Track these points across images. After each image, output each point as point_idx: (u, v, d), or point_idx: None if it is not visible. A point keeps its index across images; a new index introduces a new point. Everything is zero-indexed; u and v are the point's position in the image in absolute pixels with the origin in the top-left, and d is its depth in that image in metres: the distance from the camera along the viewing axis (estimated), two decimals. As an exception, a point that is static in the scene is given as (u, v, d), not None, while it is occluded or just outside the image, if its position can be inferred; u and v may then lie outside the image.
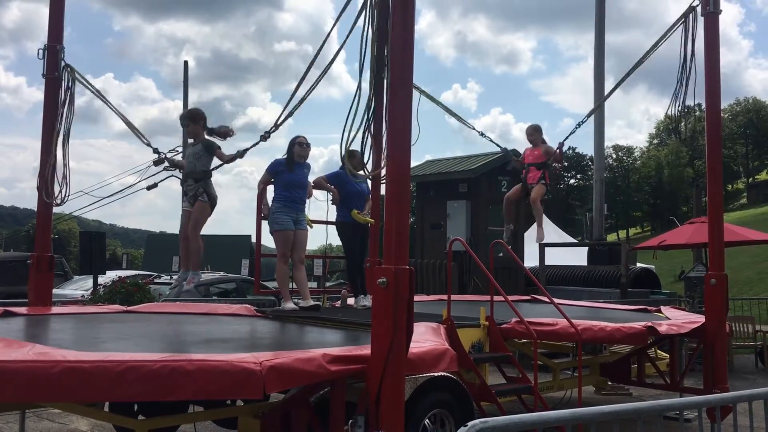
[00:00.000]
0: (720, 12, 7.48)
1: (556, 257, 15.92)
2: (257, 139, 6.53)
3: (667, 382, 8.22)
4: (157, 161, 6.72)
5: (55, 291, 10.37)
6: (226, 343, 5.32)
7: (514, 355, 6.64)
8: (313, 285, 12.94)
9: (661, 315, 8.69)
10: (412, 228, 15.50)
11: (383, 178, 5.47)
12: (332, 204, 7.94)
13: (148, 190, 7.31)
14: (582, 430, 3.28)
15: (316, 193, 7.82)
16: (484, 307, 6.67)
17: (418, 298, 8.46)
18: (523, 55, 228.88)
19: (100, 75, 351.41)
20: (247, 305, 8.06)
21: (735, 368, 11.82)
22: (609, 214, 60.16)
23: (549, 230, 16.61)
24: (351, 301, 8.17)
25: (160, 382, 3.71)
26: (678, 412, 3.93)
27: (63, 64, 7.53)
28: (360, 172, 6.78)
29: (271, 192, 7.52)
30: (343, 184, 7.86)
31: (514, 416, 3.00)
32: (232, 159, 6.68)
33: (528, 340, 6.78)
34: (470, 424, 2.79)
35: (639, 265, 17.27)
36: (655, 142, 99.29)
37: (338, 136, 4.90)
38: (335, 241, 8.46)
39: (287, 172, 7.37)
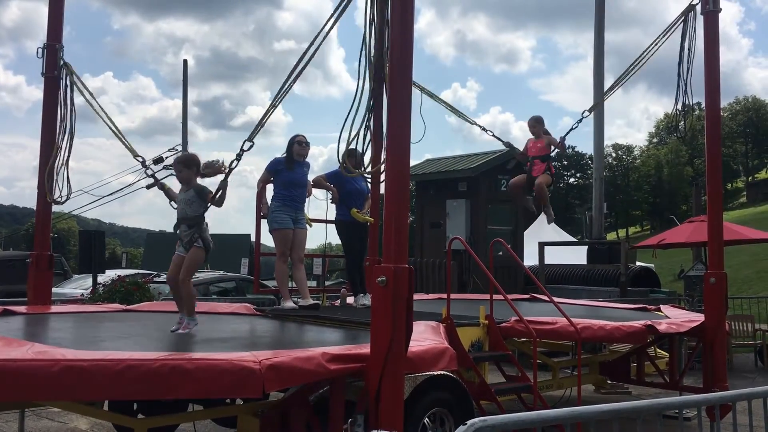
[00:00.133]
0: (719, 10, 7.49)
1: (556, 256, 15.92)
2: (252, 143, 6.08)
3: (666, 381, 8.22)
4: (150, 185, 6.46)
5: (55, 290, 10.39)
6: (225, 342, 5.33)
7: (513, 353, 6.64)
8: (313, 284, 12.93)
9: (660, 314, 8.70)
10: (412, 227, 15.49)
11: (382, 173, 5.44)
12: (332, 203, 7.93)
13: (148, 189, 7.26)
14: (581, 429, 3.29)
15: (315, 191, 7.82)
16: (484, 306, 6.67)
17: (418, 296, 8.46)
18: (522, 54, 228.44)
19: (100, 74, 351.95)
20: (247, 304, 8.07)
21: (734, 367, 11.81)
22: (608, 213, 60.20)
23: (548, 229, 16.68)
24: (350, 300, 8.16)
25: (160, 380, 3.71)
26: (677, 411, 3.93)
27: (62, 63, 7.52)
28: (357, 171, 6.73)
29: (270, 191, 7.52)
30: (342, 182, 7.82)
31: (513, 415, 3.00)
32: (221, 198, 6.13)
33: (527, 338, 6.77)
34: (470, 422, 2.79)
35: (638, 263, 17.28)
36: (655, 140, 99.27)
37: (337, 135, 4.91)
38: (335, 239, 8.47)
39: (287, 171, 7.36)
